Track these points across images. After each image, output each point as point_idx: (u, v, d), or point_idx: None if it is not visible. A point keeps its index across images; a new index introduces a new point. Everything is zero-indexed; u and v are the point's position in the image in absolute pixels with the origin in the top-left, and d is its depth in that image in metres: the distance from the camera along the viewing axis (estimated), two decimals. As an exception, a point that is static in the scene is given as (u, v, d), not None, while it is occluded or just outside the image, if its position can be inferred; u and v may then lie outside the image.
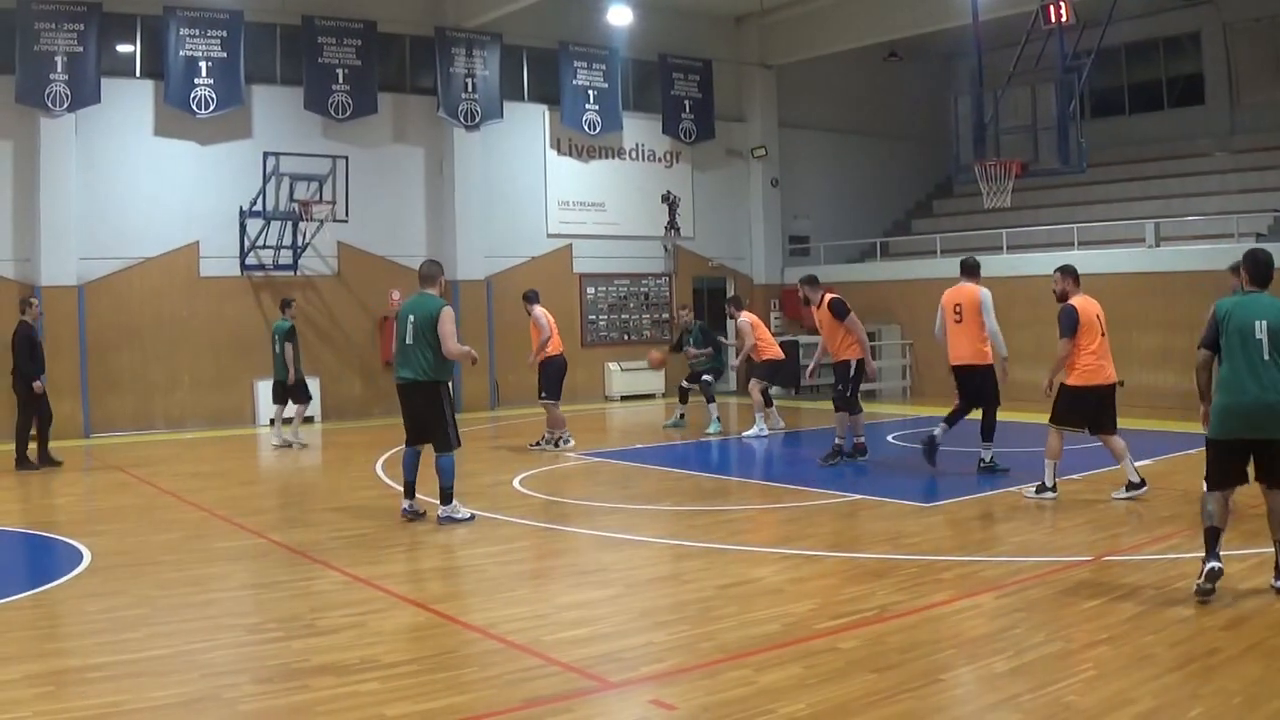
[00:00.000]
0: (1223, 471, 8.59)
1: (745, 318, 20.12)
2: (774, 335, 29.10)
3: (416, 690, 6.73)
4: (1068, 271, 13.04)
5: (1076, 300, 12.76)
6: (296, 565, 10.38)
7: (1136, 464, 14.13)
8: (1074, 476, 14.04)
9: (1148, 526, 11.27)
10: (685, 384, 21.78)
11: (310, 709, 6.47)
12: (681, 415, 21.68)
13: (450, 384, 12.40)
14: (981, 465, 14.52)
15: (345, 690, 6.77)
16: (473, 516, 12.15)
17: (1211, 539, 8.42)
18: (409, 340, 11.96)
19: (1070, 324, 12.51)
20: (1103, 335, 12.68)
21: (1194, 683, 6.50)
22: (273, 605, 9.05)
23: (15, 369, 17.30)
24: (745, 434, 19.65)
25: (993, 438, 14.58)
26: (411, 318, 11.97)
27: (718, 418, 20.60)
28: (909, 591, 8.74)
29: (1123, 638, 7.39)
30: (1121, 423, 15.76)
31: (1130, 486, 12.78)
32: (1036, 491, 12.82)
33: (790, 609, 8.37)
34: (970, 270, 14.75)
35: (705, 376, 21.09)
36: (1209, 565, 8.33)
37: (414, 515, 12.26)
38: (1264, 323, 8.36)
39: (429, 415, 12.06)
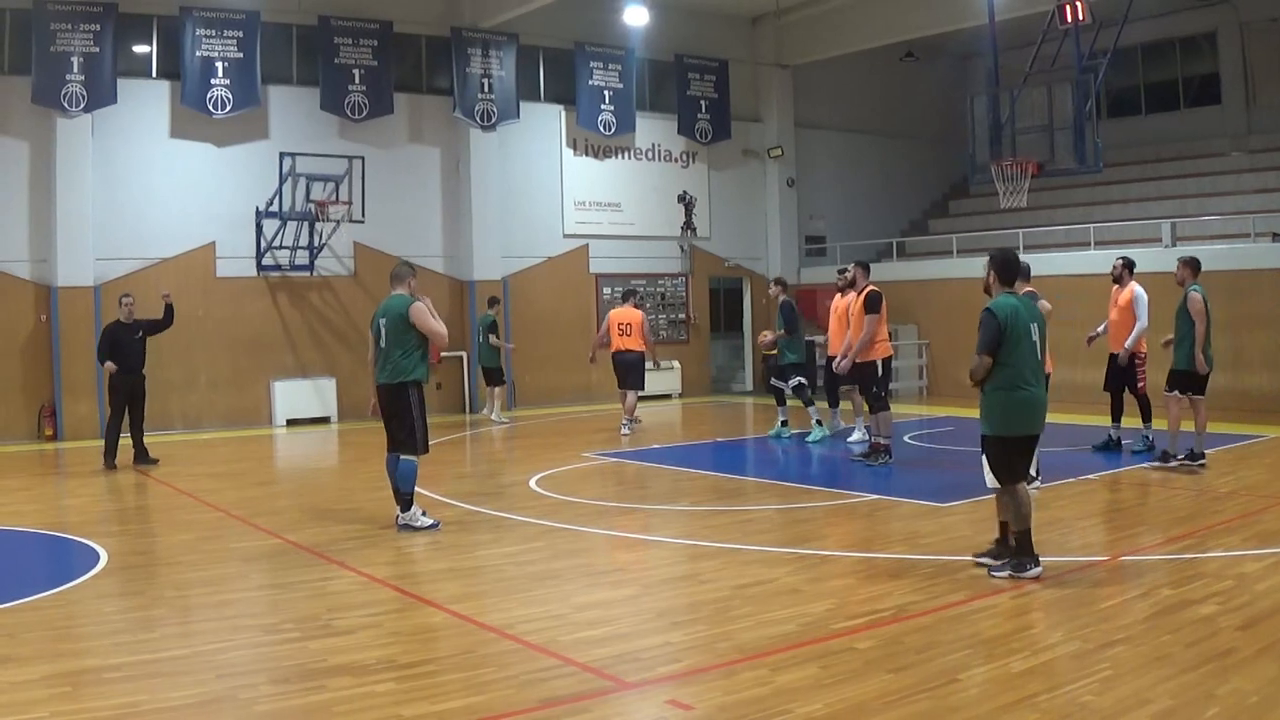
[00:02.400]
0: (1017, 465, 9.24)
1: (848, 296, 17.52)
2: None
3: (433, 690, 6.75)
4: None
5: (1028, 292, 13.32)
6: (313, 565, 10.39)
7: (1153, 463, 14.34)
8: (1090, 476, 14.06)
9: (1163, 527, 11.26)
10: (774, 382, 19.63)
11: (327, 709, 6.48)
12: (784, 422, 19.35)
13: (423, 387, 12.19)
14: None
15: (362, 690, 6.78)
16: (437, 524, 11.97)
17: (1029, 540, 9.11)
18: (383, 344, 11.90)
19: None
20: None
21: (1210, 683, 6.49)
22: (289, 606, 9.06)
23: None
24: (849, 442, 18.07)
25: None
26: (383, 320, 11.90)
27: (817, 421, 18.72)
28: (925, 591, 8.73)
29: (1139, 638, 7.38)
30: (1135, 422, 15.96)
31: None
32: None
33: (807, 609, 8.37)
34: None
35: (796, 380, 18.89)
36: (1037, 570, 9.01)
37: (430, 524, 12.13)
38: (1035, 325, 9.23)
39: (399, 417, 11.90)
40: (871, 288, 16.00)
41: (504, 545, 11.16)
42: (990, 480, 9.24)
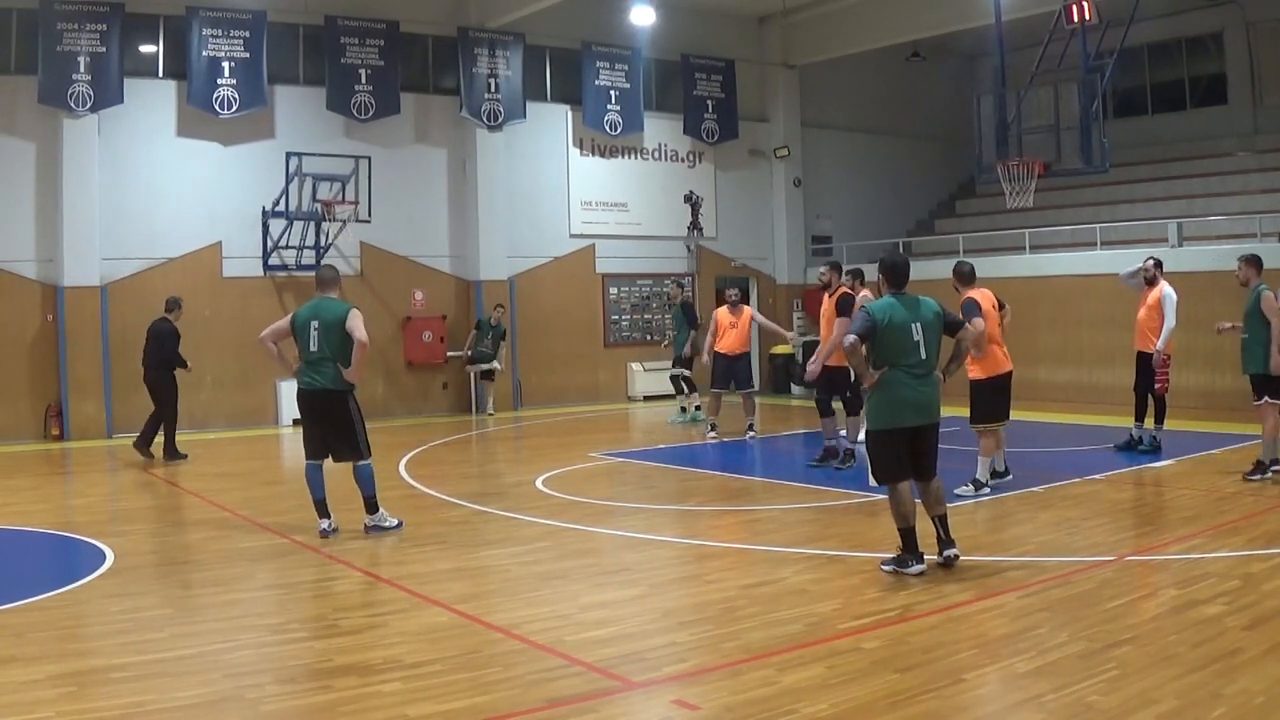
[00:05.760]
0: (895, 461, 9.53)
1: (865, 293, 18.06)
2: (796, 334, 29.13)
3: (439, 690, 6.75)
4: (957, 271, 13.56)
5: (974, 293, 13.08)
6: (319, 565, 10.41)
7: (1161, 464, 14.29)
8: (1096, 476, 14.06)
9: (1170, 527, 11.27)
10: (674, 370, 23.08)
11: (333, 709, 6.49)
12: (683, 409, 22.67)
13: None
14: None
15: (368, 690, 6.79)
16: (400, 524, 11.90)
17: (912, 539, 9.33)
18: (313, 348, 11.43)
19: (973, 310, 12.83)
20: (999, 326, 13.37)
21: (1217, 683, 6.48)
22: (295, 605, 9.09)
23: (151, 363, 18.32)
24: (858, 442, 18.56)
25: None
26: (315, 324, 11.44)
27: (681, 408, 22.44)
28: (931, 592, 8.73)
29: (1145, 638, 7.38)
30: (1146, 422, 15.91)
31: (992, 476, 13.34)
32: (975, 490, 13.08)
33: (813, 609, 8.38)
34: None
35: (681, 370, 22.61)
36: (919, 567, 9.24)
37: (332, 533, 11.68)
38: (918, 324, 9.46)
39: (340, 427, 11.61)
40: (844, 290, 15.61)
41: (510, 545, 11.19)
42: (870, 478, 9.73)
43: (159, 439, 18.25)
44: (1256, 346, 13.23)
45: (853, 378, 15.31)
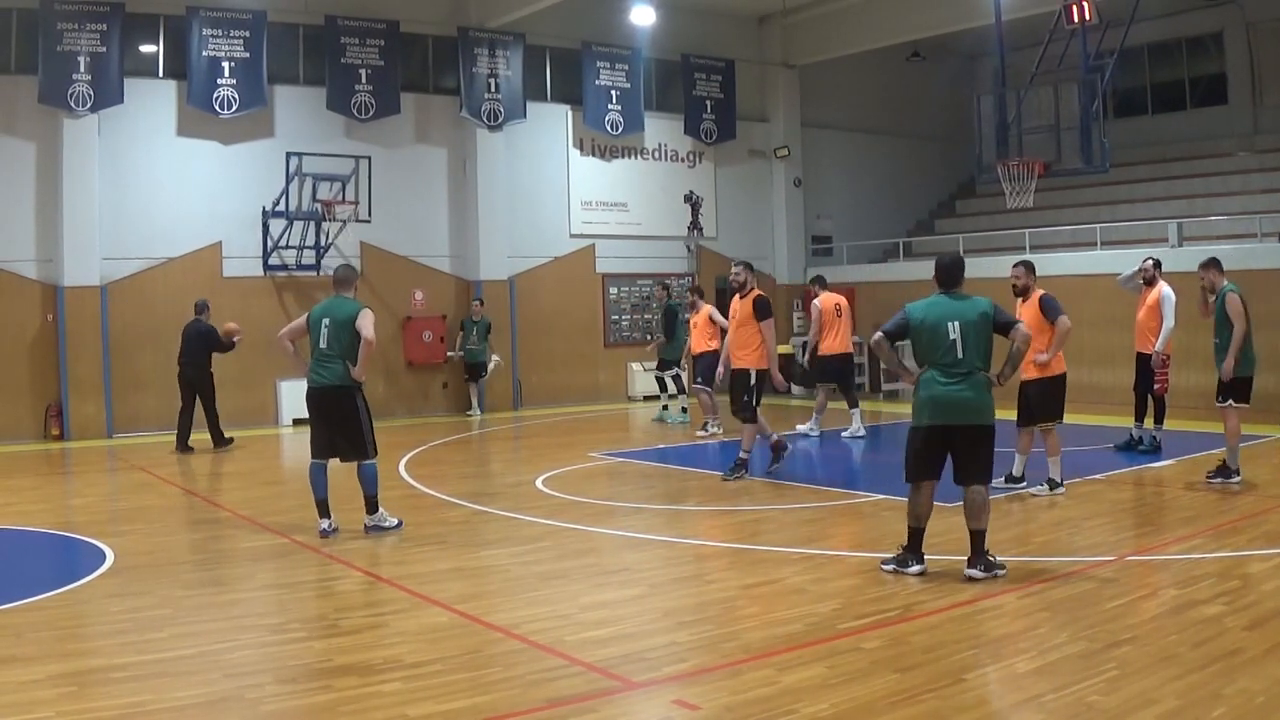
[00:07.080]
0: (924, 461, 9.41)
1: (818, 300, 19.36)
2: (795, 334, 29.13)
3: (439, 690, 6.75)
4: (1029, 266, 13.58)
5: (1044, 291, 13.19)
6: (319, 565, 10.41)
7: (1161, 464, 14.25)
8: (1096, 476, 14.06)
9: (1170, 527, 11.27)
10: (656, 373, 23.26)
11: (333, 709, 6.49)
12: (665, 407, 23.05)
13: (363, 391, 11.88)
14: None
15: (368, 690, 6.79)
16: (400, 524, 11.93)
17: (918, 540, 9.32)
18: (323, 345, 11.51)
19: (1058, 307, 13.07)
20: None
21: (1217, 683, 6.48)
22: (296, 605, 9.08)
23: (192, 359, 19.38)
24: (803, 429, 19.34)
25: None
26: (326, 321, 11.53)
27: (683, 408, 22.46)
28: (932, 591, 8.73)
29: (1145, 638, 7.38)
30: (1145, 422, 15.91)
31: (1007, 480, 13.24)
32: (1050, 489, 12.94)
33: (813, 609, 8.37)
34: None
35: (674, 371, 22.75)
36: (919, 567, 9.27)
37: (332, 533, 11.69)
38: (956, 323, 9.23)
39: (347, 424, 11.64)
40: (758, 292, 15.14)
41: (510, 545, 11.18)
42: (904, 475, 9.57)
43: (177, 431, 18.68)
44: (1227, 350, 13.24)
45: (752, 380, 14.97)
